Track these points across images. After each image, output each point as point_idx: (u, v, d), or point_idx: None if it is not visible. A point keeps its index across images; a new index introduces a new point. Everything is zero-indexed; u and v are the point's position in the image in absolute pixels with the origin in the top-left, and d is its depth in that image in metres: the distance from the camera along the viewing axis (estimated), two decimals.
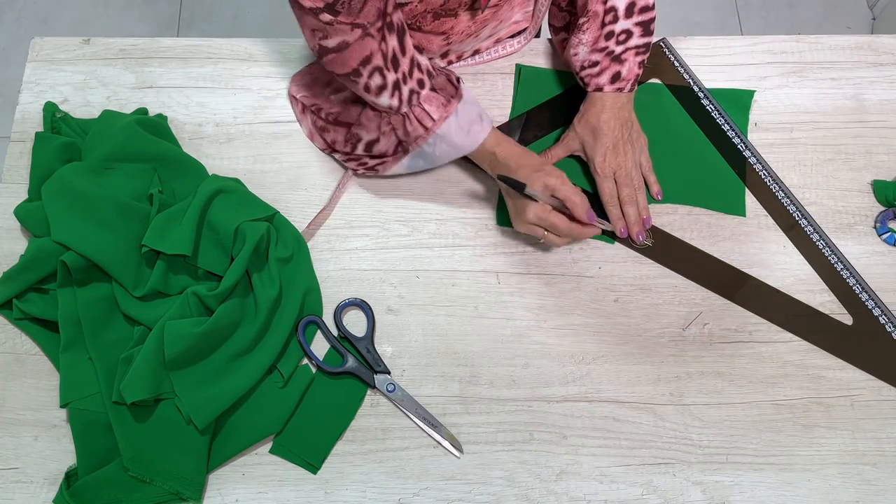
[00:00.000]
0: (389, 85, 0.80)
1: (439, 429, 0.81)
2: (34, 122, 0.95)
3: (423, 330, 0.86)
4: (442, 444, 0.81)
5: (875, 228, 0.91)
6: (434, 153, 0.85)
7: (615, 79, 0.88)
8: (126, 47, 0.99)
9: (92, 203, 0.83)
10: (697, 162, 0.93)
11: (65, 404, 0.80)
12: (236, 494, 0.79)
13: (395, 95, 0.81)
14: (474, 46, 0.96)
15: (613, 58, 0.87)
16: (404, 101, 0.82)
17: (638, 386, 0.83)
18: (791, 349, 0.85)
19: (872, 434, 0.82)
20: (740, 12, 2.06)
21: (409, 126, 0.83)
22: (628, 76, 0.87)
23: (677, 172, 0.93)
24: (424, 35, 0.89)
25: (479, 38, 0.93)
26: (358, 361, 0.83)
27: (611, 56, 0.87)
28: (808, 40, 1.01)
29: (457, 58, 0.97)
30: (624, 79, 0.88)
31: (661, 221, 0.91)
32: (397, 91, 0.81)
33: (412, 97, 0.82)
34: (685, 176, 0.93)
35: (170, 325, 0.78)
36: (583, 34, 0.88)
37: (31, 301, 0.83)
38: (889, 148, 0.94)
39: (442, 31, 0.89)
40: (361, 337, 0.84)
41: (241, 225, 0.83)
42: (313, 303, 0.86)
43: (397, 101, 0.81)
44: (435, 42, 0.90)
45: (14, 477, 0.79)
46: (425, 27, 0.88)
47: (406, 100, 0.82)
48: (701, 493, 0.79)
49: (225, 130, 0.95)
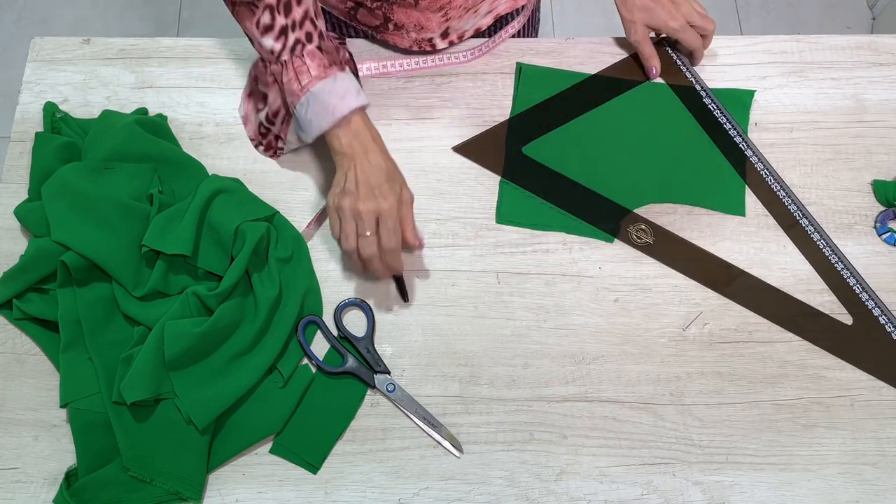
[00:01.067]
0: (276, 27, 0.79)
1: (439, 429, 0.81)
2: (34, 122, 0.95)
3: (423, 330, 0.86)
4: (442, 444, 0.81)
5: (875, 228, 0.91)
6: (306, 116, 0.82)
7: None
8: (126, 47, 0.99)
9: (92, 203, 0.83)
10: (698, 161, 0.93)
11: (65, 404, 0.80)
12: (236, 494, 0.79)
13: (279, 39, 0.80)
14: (475, 24, 0.95)
15: None
16: (287, 48, 0.80)
17: (638, 386, 0.83)
18: (791, 349, 0.85)
19: (872, 434, 0.82)
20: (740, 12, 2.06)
21: (285, 77, 0.81)
22: None
23: (678, 172, 0.93)
24: (422, 13, 0.89)
25: (479, 13, 0.92)
26: (358, 361, 0.83)
27: None
28: (808, 40, 1.01)
29: (458, 38, 0.97)
30: None
31: (662, 220, 0.91)
32: (283, 36, 0.79)
33: (296, 46, 0.80)
34: (686, 175, 0.93)
35: (170, 325, 0.78)
36: None
37: (31, 301, 0.83)
38: (889, 148, 0.94)
39: (440, 7, 0.88)
40: (361, 337, 0.84)
41: (242, 225, 0.83)
42: (313, 303, 0.86)
43: (280, 45, 0.80)
44: (433, 20, 0.90)
45: (14, 477, 0.79)
46: (422, 2, 0.87)
47: (290, 48, 0.80)
48: (701, 493, 0.79)
49: (225, 130, 0.95)
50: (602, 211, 0.90)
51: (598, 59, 0.99)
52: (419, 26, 0.91)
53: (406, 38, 0.96)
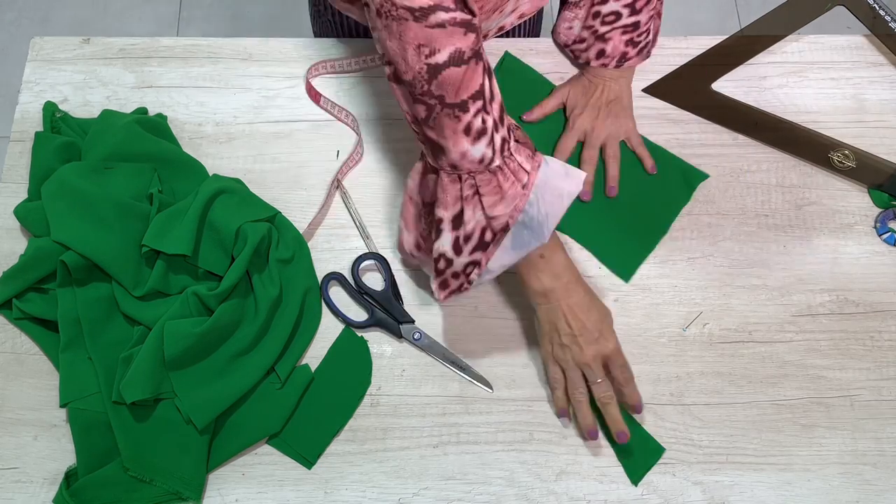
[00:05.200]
0: (489, 129, 0.67)
1: (468, 370, 0.83)
2: (34, 122, 0.95)
3: (423, 330, 0.85)
4: (474, 383, 0.83)
5: (875, 228, 0.91)
6: (540, 212, 0.70)
7: (599, 55, 0.90)
8: (126, 47, 0.99)
9: (92, 203, 0.83)
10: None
11: (64, 404, 0.80)
12: (236, 494, 0.79)
13: (490, 144, 0.67)
14: (499, 23, 0.95)
15: (598, 37, 0.89)
16: (497, 152, 0.68)
17: (638, 386, 0.83)
18: (791, 349, 0.85)
19: (872, 434, 0.82)
20: (740, 12, 2.06)
21: (503, 182, 0.68)
22: (613, 53, 0.90)
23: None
24: None
25: (504, 13, 0.90)
26: (384, 313, 0.85)
27: (595, 35, 0.90)
28: (807, 40, 1.01)
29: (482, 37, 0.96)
30: (608, 56, 0.90)
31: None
32: (493, 138, 0.67)
33: (504, 146, 0.68)
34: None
35: (170, 325, 0.78)
36: (579, 10, 0.91)
37: (31, 301, 0.83)
38: (889, 148, 0.94)
39: None
40: (381, 290, 0.86)
41: (243, 225, 0.83)
42: (313, 303, 0.86)
43: (492, 150, 0.68)
44: None
45: (14, 477, 0.79)
46: None
47: (499, 149, 0.68)
48: (701, 493, 0.79)
49: (225, 130, 0.95)
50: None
51: None
52: None
53: None
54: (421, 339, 0.84)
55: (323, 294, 0.85)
